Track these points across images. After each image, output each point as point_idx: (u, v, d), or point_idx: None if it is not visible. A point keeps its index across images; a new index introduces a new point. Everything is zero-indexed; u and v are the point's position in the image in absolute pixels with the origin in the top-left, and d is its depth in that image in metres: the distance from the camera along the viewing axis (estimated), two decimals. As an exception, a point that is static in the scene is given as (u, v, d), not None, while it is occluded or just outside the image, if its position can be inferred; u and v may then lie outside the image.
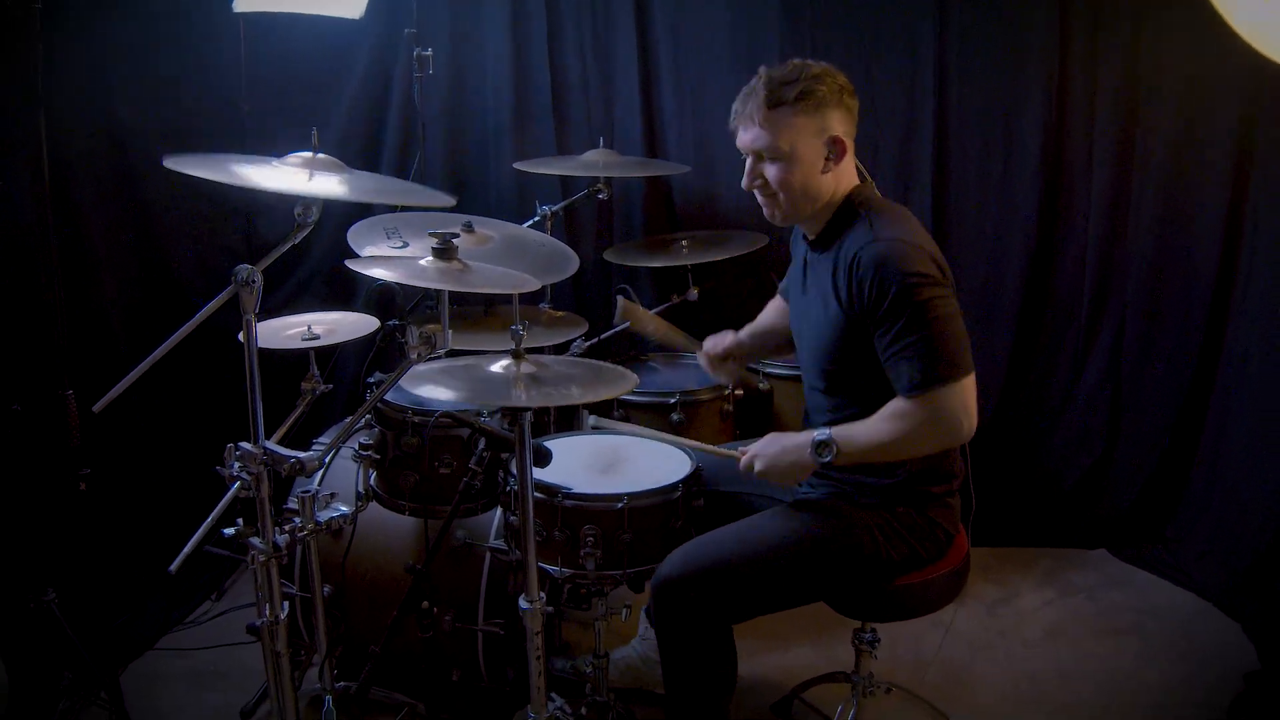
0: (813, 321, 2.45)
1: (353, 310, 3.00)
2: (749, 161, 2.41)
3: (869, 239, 2.26)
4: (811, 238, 2.47)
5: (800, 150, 2.32)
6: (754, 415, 3.48)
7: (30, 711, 2.85)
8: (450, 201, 2.41)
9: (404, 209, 2.82)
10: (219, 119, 3.91)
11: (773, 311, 2.91)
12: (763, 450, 2.40)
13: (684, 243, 3.75)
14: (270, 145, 3.16)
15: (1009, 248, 3.99)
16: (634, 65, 4.00)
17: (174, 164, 2.09)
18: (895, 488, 2.41)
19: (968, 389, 2.22)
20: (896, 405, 2.25)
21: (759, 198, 2.44)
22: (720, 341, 2.85)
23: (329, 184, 2.18)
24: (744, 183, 2.43)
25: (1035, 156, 3.90)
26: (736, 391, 3.41)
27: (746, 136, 2.38)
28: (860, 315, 2.27)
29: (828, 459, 2.29)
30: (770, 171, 2.36)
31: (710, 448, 2.63)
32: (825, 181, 2.35)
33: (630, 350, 3.77)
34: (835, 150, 2.33)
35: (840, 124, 2.34)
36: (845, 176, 2.39)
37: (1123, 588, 3.82)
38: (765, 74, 2.34)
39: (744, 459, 2.42)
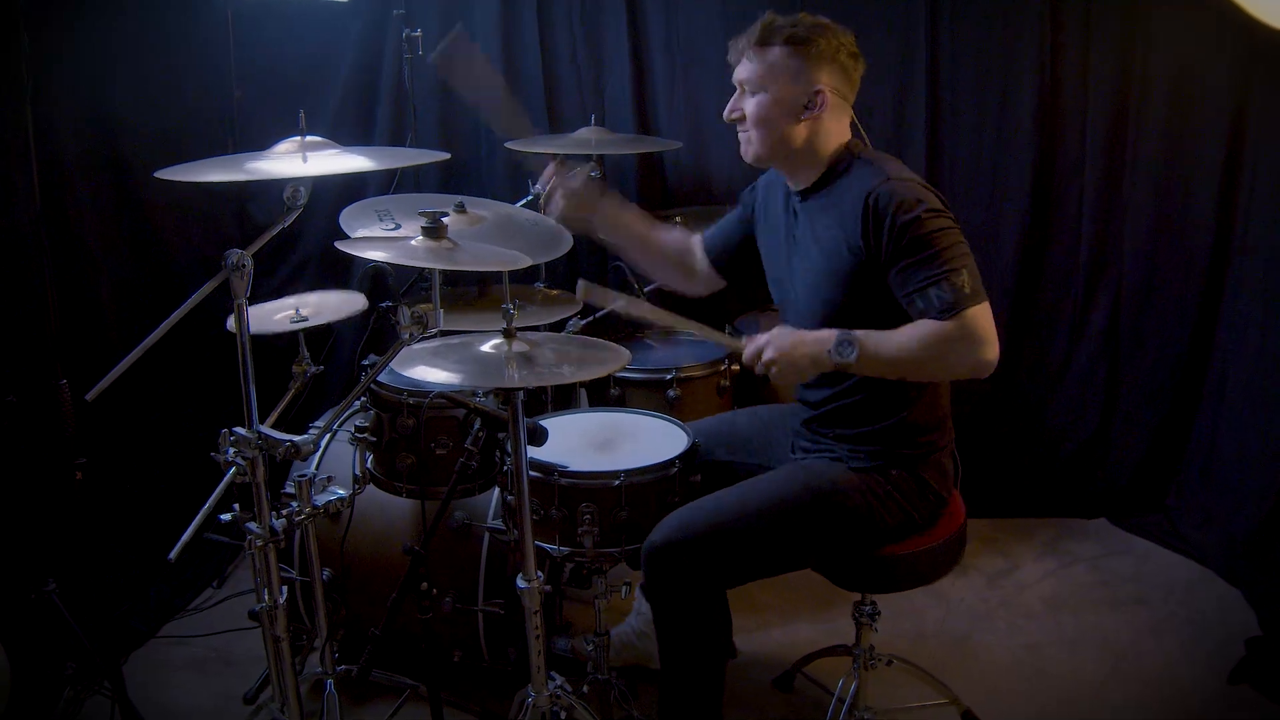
0: (810, 270, 2.44)
1: (344, 290, 3.00)
2: (735, 93, 2.44)
3: (881, 179, 2.27)
4: (804, 187, 2.46)
5: (778, 90, 2.35)
6: (750, 391, 3.47)
7: (34, 702, 2.86)
8: (443, 156, 2.42)
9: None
10: (210, 107, 3.91)
11: (669, 234, 2.87)
12: (776, 340, 2.33)
13: (677, 219, 3.72)
14: (262, 131, 3.17)
15: (1004, 215, 3.98)
16: (624, 42, 3.98)
17: (165, 174, 2.07)
18: (888, 443, 2.41)
19: (989, 314, 2.23)
20: (927, 323, 2.22)
21: (738, 132, 2.45)
22: (574, 177, 2.74)
23: (323, 161, 2.17)
24: (725, 112, 2.45)
25: (1029, 122, 3.88)
26: (733, 367, 3.40)
27: (738, 70, 2.42)
28: (873, 254, 2.27)
29: (850, 357, 2.23)
30: (748, 105, 2.39)
31: (714, 335, 2.57)
32: (798, 130, 2.36)
33: (626, 328, 3.76)
34: (815, 100, 2.34)
35: (829, 78, 2.35)
36: (833, 135, 2.40)
37: (1123, 557, 3.83)
38: (769, 14, 2.38)
39: (749, 347, 2.36)
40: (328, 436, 3.01)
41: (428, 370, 2.19)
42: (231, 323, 2.10)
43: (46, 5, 3.17)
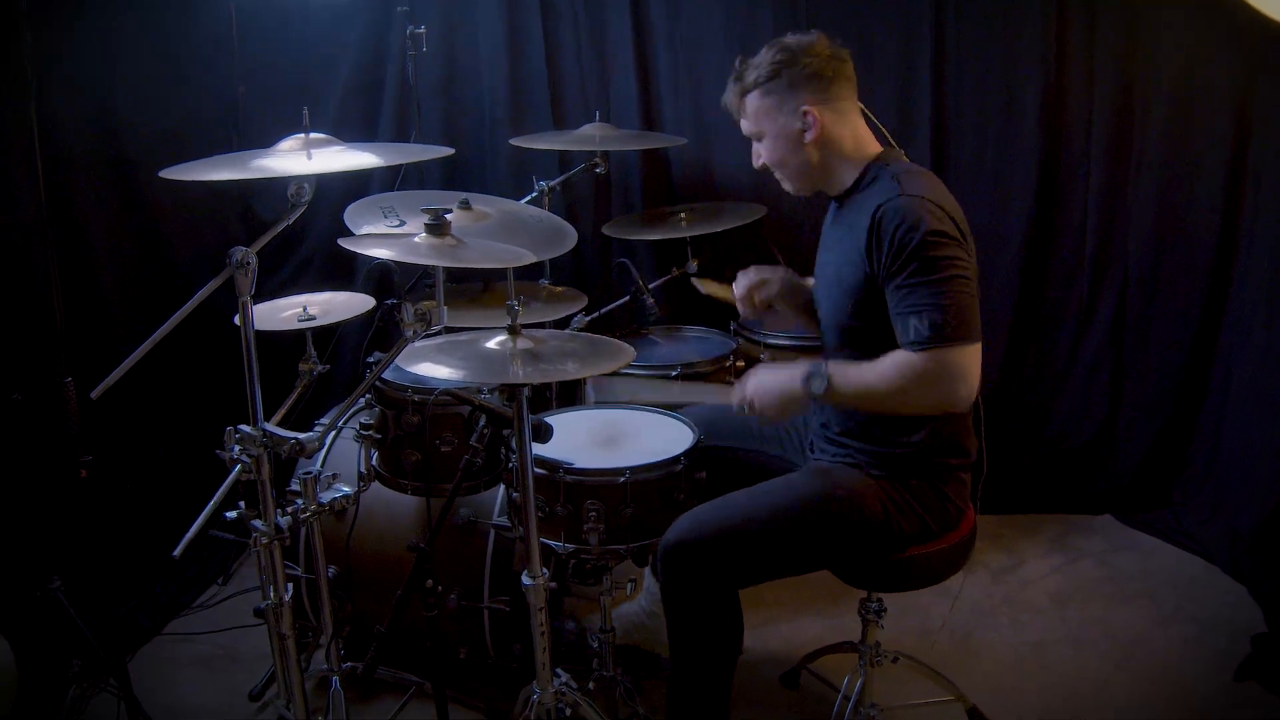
0: (832, 277, 2.46)
1: (351, 290, 3.00)
2: (753, 145, 2.51)
3: (895, 193, 2.28)
4: (836, 193, 2.50)
5: (774, 129, 2.43)
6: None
7: (40, 700, 2.86)
8: (447, 151, 2.48)
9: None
10: (213, 104, 3.91)
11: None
12: (751, 382, 2.40)
13: (682, 215, 3.73)
14: (265, 128, 3.17)
15: (1009, 213, 3.97)
16: (628, 37, 3.97)
17: (170, 173, 2.07)
18: (910, 457, 2.41)
19: (973, 355, 2.21)
20: (899, 355, 2.24)
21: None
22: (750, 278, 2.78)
23: (327, 158, 2.17)
24: (753, 162, 2.53)
25: (1034, 121, 3.87)
26: (738, 363, 3.40)
27: (741, 123, 2.51)
28: (875, 269, 2.28)
29: (819, 390, 2.28)
30: (761, 151, 2.49)
31: (705, 399, 2.62)
32: (809, 152, 2.41)
33: (631, 324, 3.76)
34: (806, 121, 2.38)
35: (810, 95, 2.38)
36: (845, 141, 2.41)
37: (1129, 553, 3.82)
38: (740, 62, 2.45)
39: (735, 395, 2.43)
40: (333, 434, 3.02)
41: (432, 367, 2.20)
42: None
43: (49, 3, 3.17)
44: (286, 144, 2.22)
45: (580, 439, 2.71)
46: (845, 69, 2.41)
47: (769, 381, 2.38)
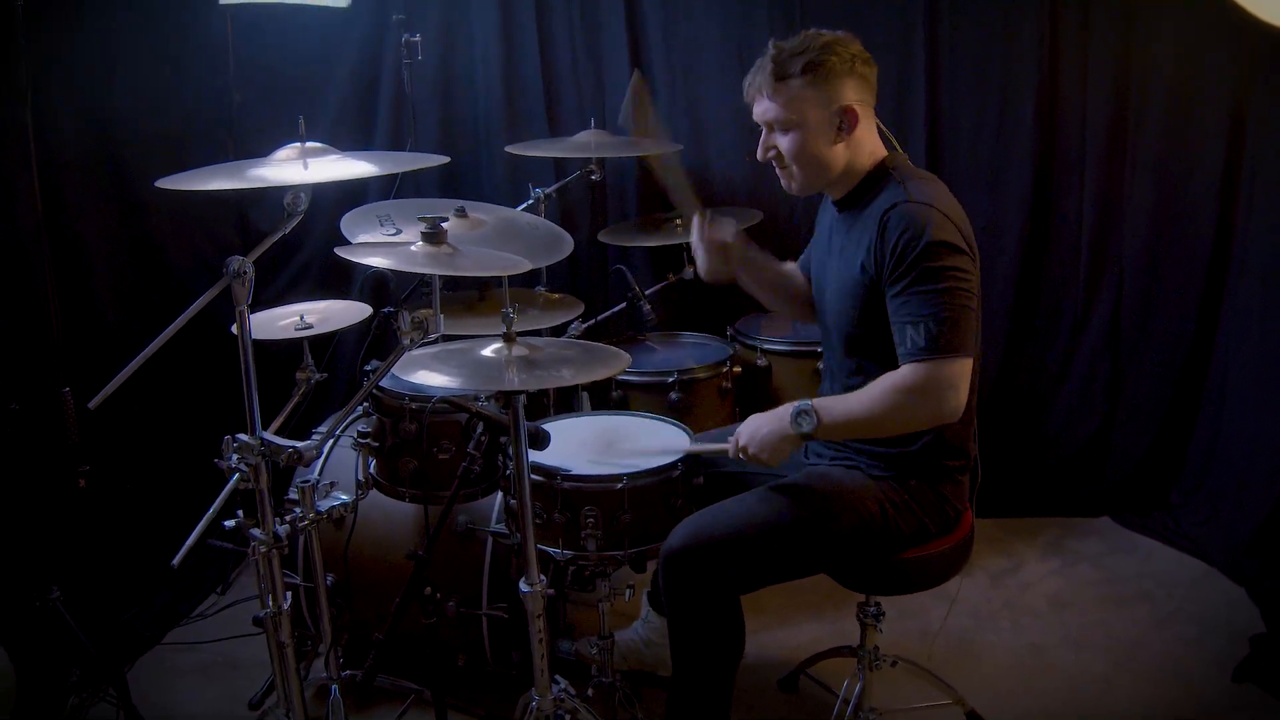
0: (837, 284, 2.44)
1: (347, 298, 3.01)
2: (763, 133, 2.42)
3: (903, 198, 2.27)
4: (837, 199, 2.46)
5: (808, 121, 2.32)
6: (753, 393, 3.47)
7: (39, 709, 2.86)
8: (443, 160, 2.44)
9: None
10: (209, 110, 3.91)
11: (790, 268, 2.85)
12: (744, 430, 2.39)
13: (678, 221, 3.73)
14: (261, 135, 3.18)
15: (1005, 213, 3.98)
16: (624, 43, 3.98)
17: (166, 183, 2.07)
18: (909, 459, 2.41)
19: (964, 369, 2.21)
20: (887, 378, 2.24)
21: (776, 169, 2.44)
22: (723, 229, 2.69)
23: (324, 168, 2.17)
24: (758, 154, 2.44)
25: (1029, 121, 3.89)
26: (735, 369, 3.41)
27: (759, 109, 2.39)
28: (878, 275, 2.27)
29: (808, 428, 2.27)
30: (781, 142, 2.37)
31: (704, 447, 2.60)
32: (837, 152, 2.36)
33: (628, 331, 3.76)
34: (847, 120, 2.33)
35: (853, 93, 2.34)
36: (866, 145, 2.39)
37: (1127, 555, 3.83)
38: (775, 45, 2.34)
39: (731, 448, 2.41)
40: (330, 442, 3.01)
41: (429, 375, 2.20)
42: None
43: (46, 7, 3.17)
44: (283, 153, 2.22)
45: (577, 446, 2.71)
46: (874, 74, 2.39)
47: (760, 428, 2.36)
